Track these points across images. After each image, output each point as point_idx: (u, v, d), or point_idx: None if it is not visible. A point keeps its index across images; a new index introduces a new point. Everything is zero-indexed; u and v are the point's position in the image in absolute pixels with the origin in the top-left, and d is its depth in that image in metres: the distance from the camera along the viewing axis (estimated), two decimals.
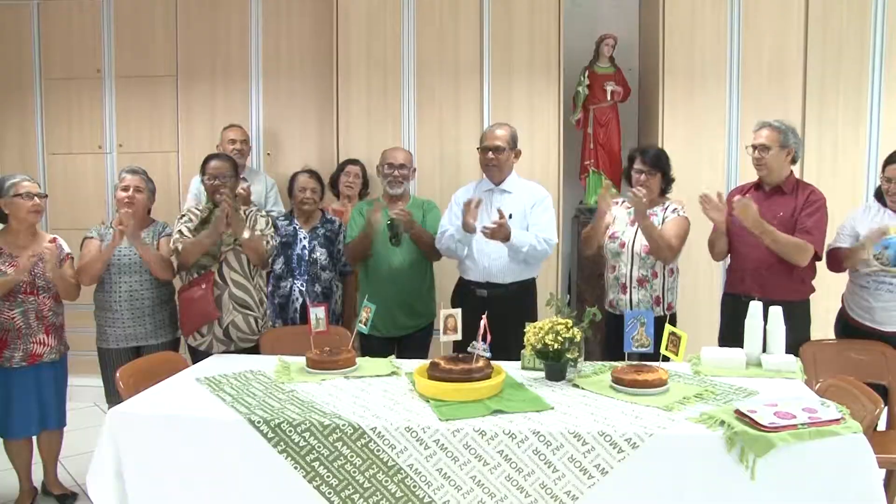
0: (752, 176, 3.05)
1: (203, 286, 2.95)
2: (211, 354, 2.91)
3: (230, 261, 3.03)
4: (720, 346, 2.89)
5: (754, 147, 2.89)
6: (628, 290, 3.02)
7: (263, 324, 3.14)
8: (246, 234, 2.98)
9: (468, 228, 2.99)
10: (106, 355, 3.09)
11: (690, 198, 3.07)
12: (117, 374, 2.40)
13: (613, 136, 4.25)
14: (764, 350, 2.49)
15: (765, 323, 2.48)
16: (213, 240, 2.93)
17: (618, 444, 1.84)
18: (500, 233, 2.92)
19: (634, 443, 1.83)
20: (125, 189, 3.05)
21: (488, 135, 3.12)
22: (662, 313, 2.94)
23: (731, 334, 2.92)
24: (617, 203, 3.15)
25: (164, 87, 4.45)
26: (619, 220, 3.11)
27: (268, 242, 3.12)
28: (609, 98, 4.22)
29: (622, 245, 3.05)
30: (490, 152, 3.09)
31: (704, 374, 2.38)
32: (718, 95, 3.95)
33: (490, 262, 3.09)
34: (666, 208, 3.00)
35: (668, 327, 2.33)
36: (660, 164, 3.01)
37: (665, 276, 2.99)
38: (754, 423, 1.81)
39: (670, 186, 3.08)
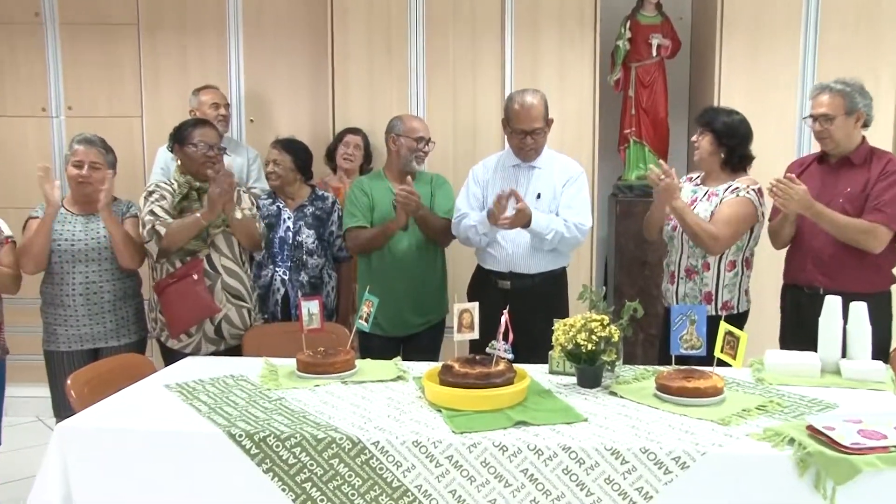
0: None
1: (194, 276, 2.95)
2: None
3: (220, 245, 3.04)
4: (781, 346, 2.87)
5: (814, 118, 2.85)
6: (675, 280, 3.02)
7: (255, 317, 3.16)
8: (238, 215, 3.00)
9: (495, 222, 2.99)
10: (55, 359, 3.08)
11: (753, 173, 3.03)
12: (69, 382, 2.40)
13: (659, 100, 4.21)
14: (844, 355, 2.46)
15: (844, 321, 2.45)
16: (210, 221, 2.92)
17: (664, 463, 1.83)
18: (519, 219, 2.92)
19: (684, 462, 1.82)
20: (78, 165, 3.02)
21: (522, 114, 3.05)
22: (715, 313, 2.91)
23: (792, 333, 2.91)
24: (689, 179, 3.13)
25: (123, 38, 4.39)
26: (682, 198, 3.07)
27: (259, 223, 3.14)
28: (655, 54, 4.18)
29: (674, 228, 3.03)
30: (529, 136, 3.06)
31: (769, 383, 2.36)
32: (790, 50, 3.89)
33: (514, 250, 3.09)
34: (728, 188, 2.95)
35: (723, 326, 2.31)
36: (709, 123, 2.96)
37: (721, 270, 2.96)
38: (833, 443, 1.78)
39: (743, 161, 3.01)
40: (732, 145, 2.96)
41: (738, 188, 2.93)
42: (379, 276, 3.23)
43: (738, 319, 2.92)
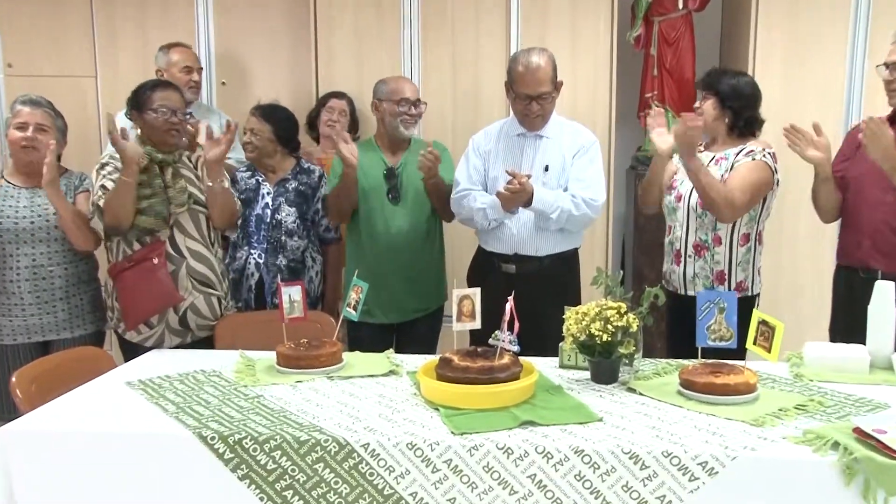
0: (883, 113, 2.97)
1: (154, 260, 2.92)
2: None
3: (185, 225, 3.01)
4: (832, 339, 2.87)
5: (887, 65, 2.80)
6: (682, 259, 3.04)
7: (226, 305, 3.15)
8: (227, 183, 2.97)
9: (509, 208, 3.00)
10: None
11: (788, 150, 3.01)
12: (13, 380, 2.39)
13: (686, 59, 4.20)
14: None
15: None
16: (131, 175, 2.84)
17: (689, 469, 1.82)
18: (519, 197, 2.91)
19: (712, 468, 1.82)
20: (22, 128, 3.00)
21: (527, 76, 3.02)
22: None
23: (845, 322, 2.90)
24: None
25: None
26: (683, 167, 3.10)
27: (235, 199, 3.14)
28: (681, 6, 4.16)
29: (678, 198, 3.05)
30: (534, 102, 3.05)
31: (809, 379, 2.36)
32: (839, 1, 3.85)
33: (520, 230, 3.09)
34: (740, 151, 2.98)
35: (756, 314, 2.31)
36: (713, 84, 3.00)
37: (734, 245, 2.98)
38: (884, 448, 1.78)
39: (753, 125, 3.03)
40: (737, 108, 2.99)
41: (752, 151, 2.96)
42: (369, 258, 3.23)
43: (750, 303, 2.93)
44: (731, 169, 2.94)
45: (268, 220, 3.43)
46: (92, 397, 2.31)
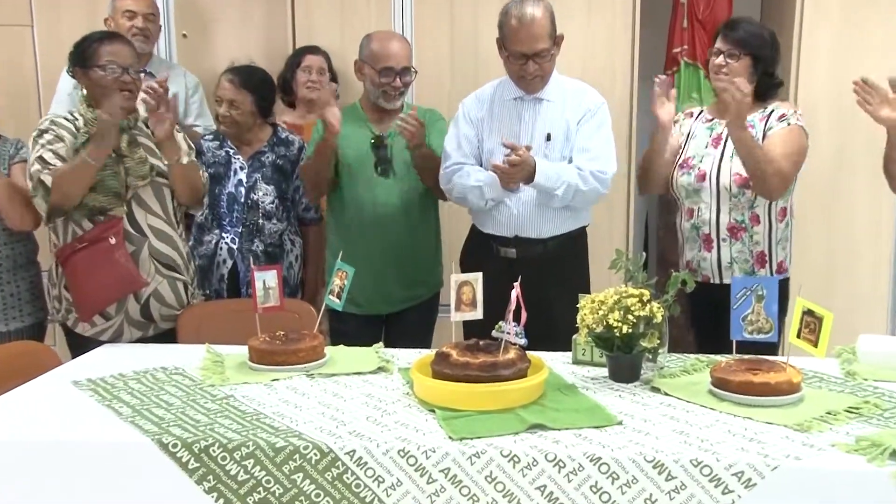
0: None
1: (111, 239, 2.90)
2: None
3: (146, 199, 3.00)
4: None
5: None
6: (715, 244, 3.04)
7: (193, 292, 3.15)
8: (185, 159, 2.97)
9: (508, 185, 2.99)
10: None
11: (840, 115, 3.01)
12: None
13: (721, 7, 4.22)
14: None
15: None
16: (100, 158, 2.82)
17: (723, 480, 1.83)
18: (518, 172, 2.89)
19: (749, 479, 1.82)
20: None
21: (522, 31, 3.00)
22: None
23: None
24: (690, 114, 3.14)
25: None
26: (695, 139, 3.11)
27: (202, 172, 3.14)
28: None
29: (701, 177, 3.04)
30: (531, 61, 3.03)
31: (863, 378, 2.36)
32: None
33: (521, 209, 3.09)
34: (769, 115, 2.99)
35: (800, 302, 2.31)
36: (750, 43, 2.98)
37: (774, 222, 3.01)
38: None
39: (774, 89, 3.05)
40: (771, 70, 3.01)
41: (784, 115, 2.98)
42: (355, 240, 3.24)
43: (784, 287, 2.91)
44: (763, 137, 2.95)
45: (242, 199, 3.42)
46: (32, 399, 2.31)
